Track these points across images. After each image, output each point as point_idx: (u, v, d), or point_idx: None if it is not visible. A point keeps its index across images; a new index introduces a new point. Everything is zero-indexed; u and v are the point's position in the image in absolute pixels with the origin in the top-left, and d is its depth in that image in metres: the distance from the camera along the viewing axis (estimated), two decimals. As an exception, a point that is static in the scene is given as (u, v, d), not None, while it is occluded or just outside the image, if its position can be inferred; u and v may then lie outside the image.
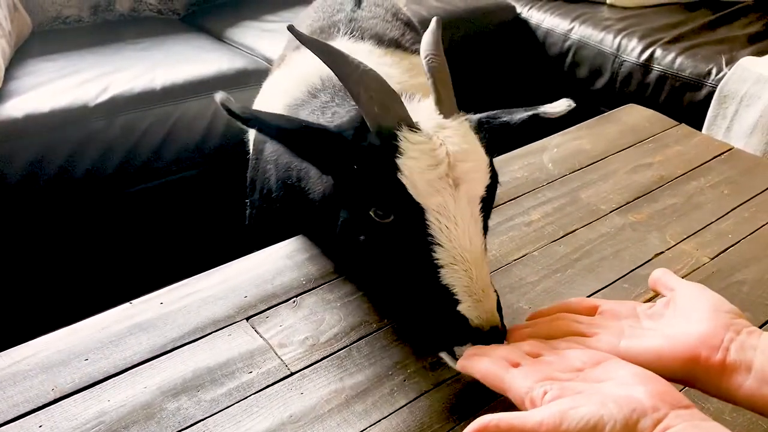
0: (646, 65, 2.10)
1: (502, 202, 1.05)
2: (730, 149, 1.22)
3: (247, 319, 0.82)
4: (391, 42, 1.23)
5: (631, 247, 0.97)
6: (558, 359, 0.58)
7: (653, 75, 2.08)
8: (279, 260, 0.92)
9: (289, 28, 0.74)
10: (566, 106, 0.81)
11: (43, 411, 0.69)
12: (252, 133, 1.22)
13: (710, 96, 1.94)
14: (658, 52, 2.09)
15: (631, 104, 1.39)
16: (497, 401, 0.70)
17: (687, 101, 2.02)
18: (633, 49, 2.15)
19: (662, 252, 0.96)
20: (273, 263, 0.91)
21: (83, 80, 1.73)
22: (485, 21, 2.40)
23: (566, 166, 1.15)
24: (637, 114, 1.34)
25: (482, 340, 0.64)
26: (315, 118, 0.89)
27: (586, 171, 1.14)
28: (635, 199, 1.07)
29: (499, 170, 0.74)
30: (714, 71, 1.97)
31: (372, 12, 1.32)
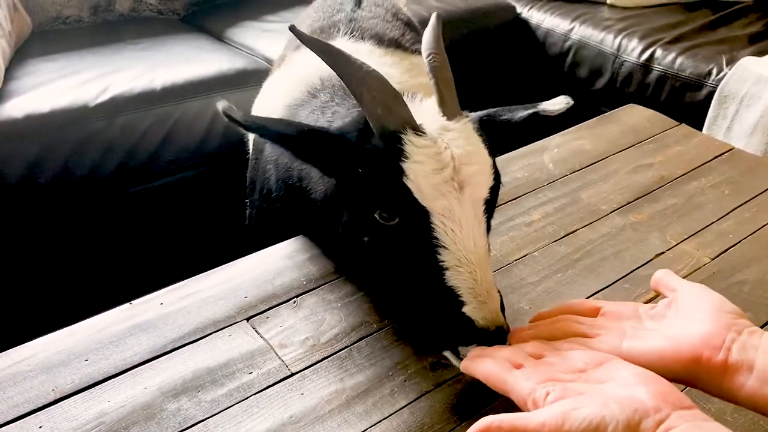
0: (647, 65, 2.10)
1: (503, 202, 1.04)
2: (730, 149, 1.22)
3: (248, 319, 0.82)
4: (391, 42, 1.23)
5: (631, 247, 0.96)
6: (560, 360, 0.58)
7: (653, 75, 2.08)
8: (279, 260, 0.92)
9: (291, 29, 0.73)
10: (565, 103, 0.81)
11: (43, 411, 0.69)
12: (251, 133, 1.21)
13: (710, 96, 1.94)
14: (659, 52, 2.09)
15: (632, 104, 1.39)
16: (499, 401, 0.70)
17: (687, 101, 2.02)
18: (633, 49, 2.14)
19: (663, 252, 0.96)
20: (273, 263, 0.91)
21: (83, 80, 1.73)
22: (485, 21, 2.39)
23: (567, 166, 1.15)
24: (637, 114, 1.34)
25: (487, 340, 0.65)
26: (315, 117, 0.89)
27: (586, 171, 1.14)
28: (636, 200, 1.07)
29: (500, 170, 0.74)
30: (714, 71, 1.97)
31: (372, 12, 1.32)
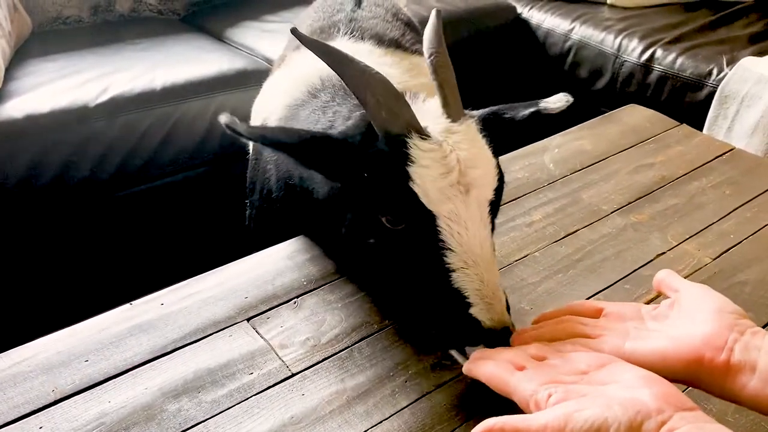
0: (647, 65, 2.10)
1: (504, 202, 1.03)
2: (731, 149, 1.22)
3: (248, 320, 0.82)
4: (391, 42, 1.23)
5: (632, 247, 0.96)
6: (562, 362, 0.58)
7: (654, 75, 2.08)
8: (280, 261, 0.91)
9: (293, 32, 0.73)
10: (565, 101, 0.81)
11: (44, 412, 0.69)
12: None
13: (711, 96, 1.94)
14: (659, 53, 2.09)
15: (632, 104, 1.38)
16: (500, 402, 0.70)
17: (688, 101, 2.02)
18: (634, 50, 2.14)
19: (664, 252, 0.96)
20: (274, 264, 0.91)
21: (83, 81, 1.73)
22: (485, 21, 2.39)
23: (567, 166, 1.15)
24: (638, 114, 1.34)
25: (494, 341, 0.65)
26: (316, 117, 0.89)
27: (587, 171, 1.14)
28: (637, 200, 1.07)
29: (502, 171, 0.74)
30: (715, 71, 1.96)
31: (372, 12, 1.32)
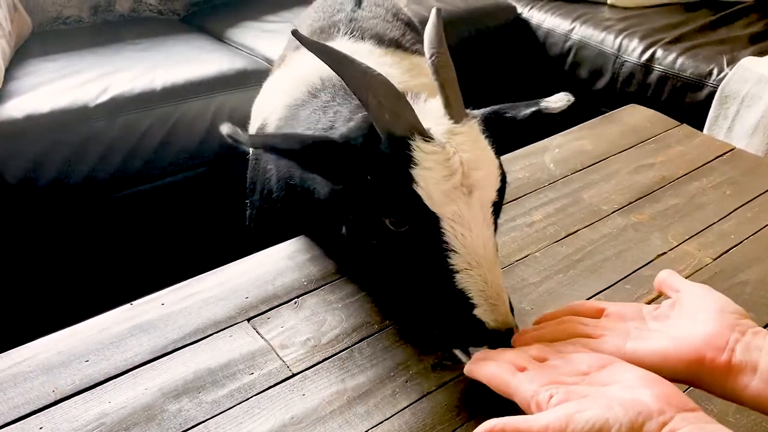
0: (647, 65, 2.10)
1: (504, 202, 1.03)
2: (731, 149, 1.22)
3: (249, 320, 0.82)
4: (391, 42, 1.22)
5: (633, 247, 0.96)
6: (564, 363, 0.58)
7: (654, 75, 2.08)
8: (280, 261, 0.91)
9: (294, 33, 0.73)
10: (566, 100, 0.81)
11: (44, 413, 0.69)
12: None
13: (711, 96, 1.93)
14: (659, 53, 2.09)
15: (633, 104, 1.38)
16: (501, 402, 0.70)
17: (688, 102, 2.01)
18: (634, 50, 2.14)
19: (664, 253, 0.96)
20: (274, 264, 0.91)
21: (83, 81, 1.73)
22: (486, 21, 2.39)
23: (568, 166, 1.15)
24: (638, 114, 1.33)
25: (498, 342, 0.65)
26: (316, 117, 0.89)
27: (587, 171, 1.14)
28: (637, 200, 1.07)
29: (502, 171, 0.74)
30: (715, 71, 1.96)
31: (372, 12, 1.32)
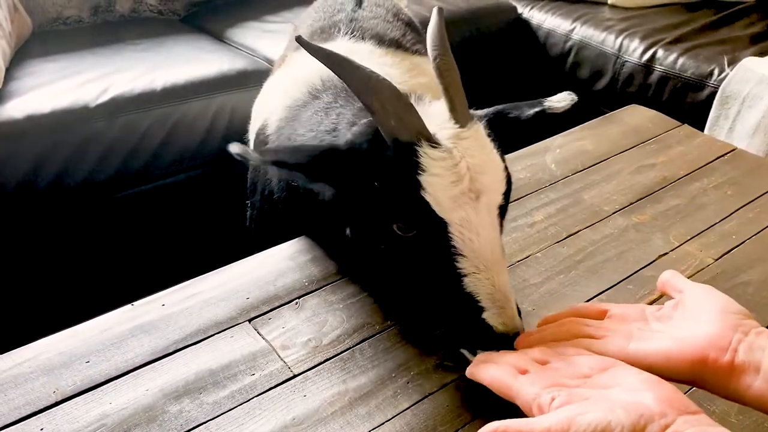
0: (648, 66, 2.10)
1: (507, 203, 1.04)
2: (733, 150, 1.21)
3: (250, 320, 0.81)
4: (392, 42, 1.22)
5: (634, 248, 0.96)
6: (565, 366, 0.58)
7: (655, 76, 2.08)
8: (281, 262, 0.91)
9: (298, 40, 0.72)
10: (569, 100, 0.81)
11: (45, 414, 0.69)
12: (252, 134, 1.21)
13: (712, 96, 1.93)
14: (660, 53, 2.09)
15: (634, 105, 1.38)
16: (503, 403, 0.70)
17: (689, 102, 2.01)
18: (635, 50, 2.14)
19: (666, 253, 0.95)
20: (275, 265, 0.91)
21: (84, 81, 1.73)
22: (486, 21, 2.39)
23: (569, 167, 1.15)
24: (639, 115, 1.33)
25: (506, 345, 0.66)
26: (318, 119, 0.89)
27: (589, 172, 1.14)
28: (638, 200, 1.07)
29: (505, 171, 0.74)
30: (716, 72, 1.96)
31: (373, 12, 1.31)
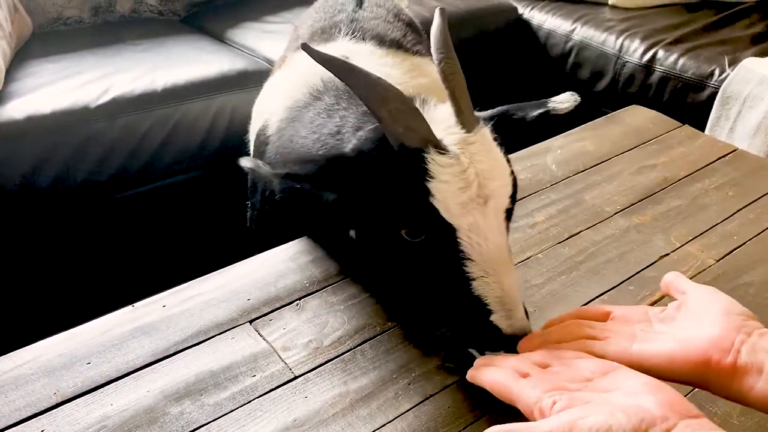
0: (649, 66, 2.09)
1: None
2: (734, 150, 1.21)
3: (251, 322, 0.81)
4: (392, 43, 1.22)
5: (636, 249, 0.96)
6: (567, 369, 0.58)
7: (655, 76, 2.08)
8: (282, 263, 0.91)
9: (304, 48, 0.72)
10: (573, 100, 0.81)
11: (45, 415, 0.68)
12: (253, 134, 1.21)
13: (713, 97, 1.93)
14: (661, 53, 2.09)
15: (634, 105, 1.38)
16: (504, 405, 0.70)
17: (689, 102, 2.01)
18: (635, 50, 2.14)
19: (667, 254, 0.95)
20: (276, 266, 0.91)
21: (84, 82, 1.72)
22: (486, 22, 2.39)
23: (570, 167, 1.15)
24: (640, 115, 1.33)
25: (515, 346, 0.66)
26: (321, 121, 0.88)
27: (589, 173, 1.14)
28: (639, 201, 1.07)
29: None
30: (717, 72, 1.96)
31: (373, 12, 1.31)
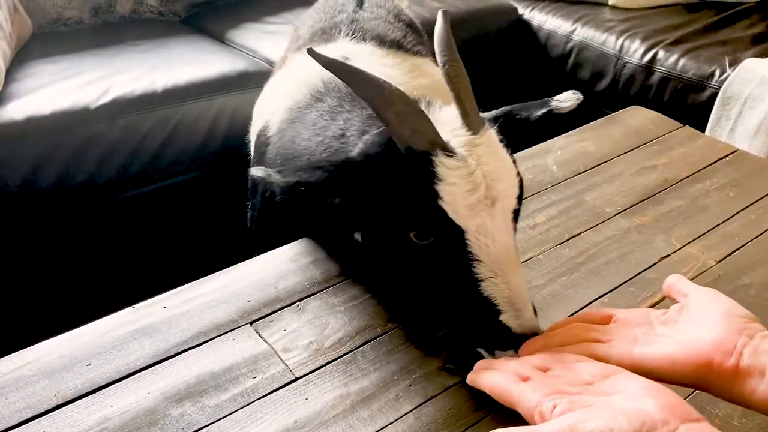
0: (649, 67, 2.09)
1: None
2: (734, 151, 1.21)
3: (251, 323, 0.81)
4: (393, 43, 1.22)
5: (636, 250, 0.96)
6: (567, 373, 0.58)
7: (656, 77, 2.08)
8: (282, 264, 0.91)
9: (310, 52, 0.72)
10: (575, 99, 0.81)
11: (46, 417, 0.68)
12: (253, 135, 1.21)
13: (713, 97, 1.93)
14: (661, 54, 2.09)
15: (635, 106, 1.38)
16: (505, 407, 0.70)
17: (690, 103, 2.01)
18: (635, 51, 2.14)
19: (668, 255, 0.95)
20: (276, 267, 0.90)
21: (84, 82, 1.72)
22: (487, 23, 2.39)
23: (570, 168, 1.15)
24: (640, 116, 1.33)
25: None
26: (324, 123, 0.88)
27: (590, 173, 1.14)
28: (640, 202, 1.07)
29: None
30: (717, 73, 1.96)
31: (374, 13, 1.31)
